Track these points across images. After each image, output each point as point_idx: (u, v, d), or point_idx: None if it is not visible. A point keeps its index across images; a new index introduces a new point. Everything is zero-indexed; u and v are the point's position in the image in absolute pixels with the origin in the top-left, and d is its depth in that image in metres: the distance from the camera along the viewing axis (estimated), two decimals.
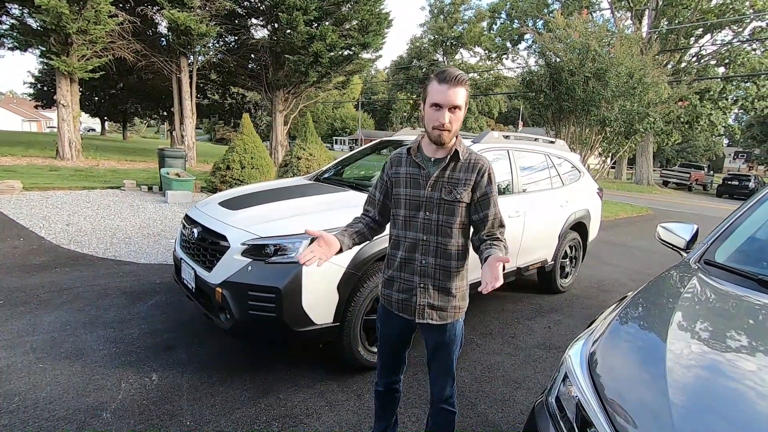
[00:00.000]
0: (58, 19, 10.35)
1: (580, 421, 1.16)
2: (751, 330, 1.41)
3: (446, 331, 1.65)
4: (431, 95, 1.47)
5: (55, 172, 10.21)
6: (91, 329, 3.06)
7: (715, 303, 1.58)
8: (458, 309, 1.65)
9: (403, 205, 1.61)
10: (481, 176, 1.57)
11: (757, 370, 1.17)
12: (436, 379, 1.74)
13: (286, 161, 9.07)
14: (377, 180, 1.75)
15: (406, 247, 1.61)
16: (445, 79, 1.43)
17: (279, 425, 2.22)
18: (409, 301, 1.62)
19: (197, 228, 2.83)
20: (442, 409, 1.75)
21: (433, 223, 1.56)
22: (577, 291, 4.83)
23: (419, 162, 1.59)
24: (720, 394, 1.08)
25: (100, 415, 2.19)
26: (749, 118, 33.27)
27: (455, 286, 1.61)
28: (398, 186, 1.63)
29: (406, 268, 1.62)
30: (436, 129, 1.48)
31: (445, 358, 1.70)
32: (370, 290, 2.60)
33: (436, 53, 44.02)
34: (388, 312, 1.71)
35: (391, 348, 1.79)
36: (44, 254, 4.60)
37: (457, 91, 1.44)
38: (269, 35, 16.08)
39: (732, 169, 46.41)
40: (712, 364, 1.19)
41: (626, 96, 9.78)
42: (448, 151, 1.56)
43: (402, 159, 1.64)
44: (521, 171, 3.93)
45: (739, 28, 22.19)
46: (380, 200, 1.72)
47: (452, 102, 1.44)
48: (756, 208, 1.99)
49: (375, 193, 1.74)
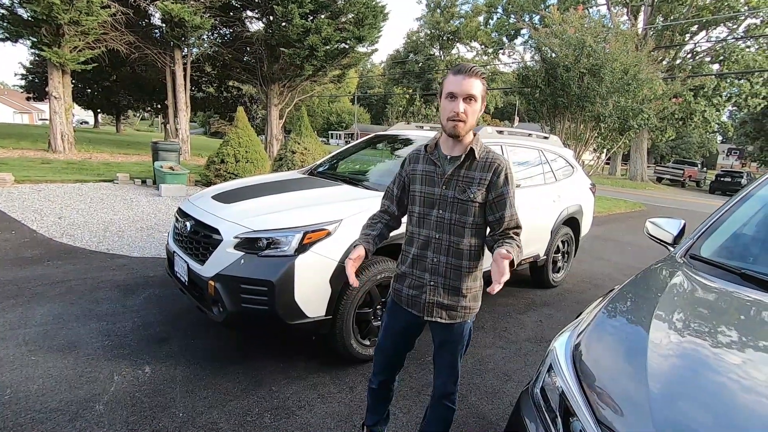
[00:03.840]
0: (49, 10, 10.21)
1: (563, 411, 1.19)
2: (731, 322, 1.44)
3: (453, 330, 1.63)
4: (446, 86, 1.46)
5: (47, 164, 10.12)
6: (83, 322, 3.06)
7: (698, 296, 1.61)
8: (468, 310, 1.62)
9: (418, 202, 1.61)
10: (497, 176, 1.52)
11: (735, 360, 1.20)
12: (439, 374, 1.73)
13: (281, 155, 9.04)
14: (395, 176, 1.76)
15: (419, 244, 1.60)
16: (460, 71, 1.44)
17: (271, 417, 2.24)
18: (419, 297, 1.61)
19: (190, 221, 2.83)
20: (442, 405, 1.75)
21: (446, 221, 1.54)
22: (569, 285, 4.89)
23: (435, 159, 1.58)
24: (697, 382, 1.11)
25: (92, 407, 2.20)
26: (742, 115, 33.49)
27: (466, 286, 1.58)
28: (414, 183, 1.63)
29: (417, 264, 1.61)
30: (451, 120, 1.46)
31: (448, 356, 1.69)
32: (362, 284, 2.62)
33: (432, 48, 43.87)
34: (397, 306, 1.71)
35: (393, 343, 1.77)
36: (36, 247, 4.58)
37: (471, 82, 1.42)
38: (264, 28, 15.96)
39: (725, 165, 46.75)
40: (691, 354, 1.22)
41: (621, 92, 9.81)
42: (464, 149, 1.53)
43: (420, 156, 1.64)
44: (514, 166, 3.95)
45: (733, 25, 22.29)
46: (398, 195, 1.73)
47: (467, 91, 1.42)
48: (741, 204, 2.02)
49: (393, 188, 1.75)
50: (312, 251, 2.45)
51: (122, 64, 18.52)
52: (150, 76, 19.83)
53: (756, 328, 1.41)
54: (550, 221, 4.32)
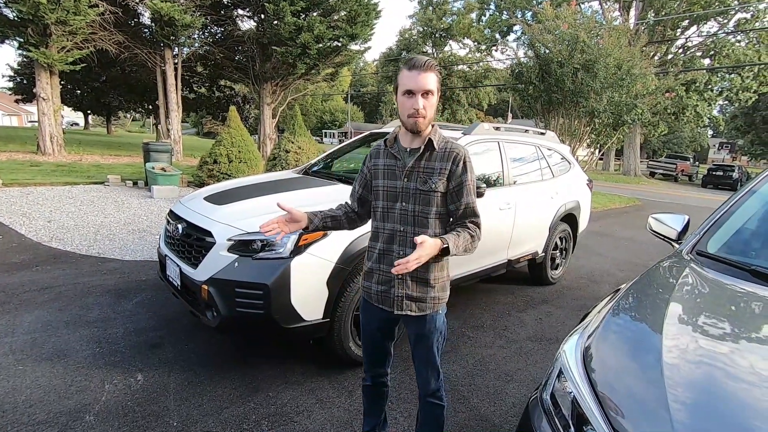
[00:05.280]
0: (35, 9, 10.00)
1: (575, 418, 1.13)
2: (746, 322, 1.40)
3: (426, 322, 1.64)
4: (402, 83, 1.47)
5: (36, 167, 9.94)
6: (73, 329, 2.97)
7: (709, 294, 1.57)
8: (438, 300, 1.63)
9: (381, 196, 1.62)
10: (457, 165, 1.54)
11: (754, 362, 1.15)
12: (419, 372, 1.72)
13: (275, 155, 8.94)
14: (358, 174, 1.75)
15: (385, 238, 1.61)
16: (414, 66, 1.44)
17: (269, 424, 2.18)
18: (388, 292, 1.61)
19: (182, 224, 2.75)
20: (429, 403, 1.73)
21: (410, 213, 1.56)
22: (568, 282, 4.85)
23: (395, 153, 1.59)
24: (718, 388, 1.06)
25: (82, 417, 2.12)
26: (733, 109, 33.75)
27: (433, 276, 1.59)
28: (377, 178, 1.63)
29: (384, 259, 1.61)
30: (411, 117, 1.47)
31: (425, 350, 1.67)
32: (360, 285, 2.55)
33: (425, 45, 43.77)
34: (369, 304, 1.71)
35: (373, 340, 1.77)
36: (24, 252, 4.47)
37: (427, 76, 1.44)
38: (256, 26, 15.79)
39: (716, 159, 47.20)
40: (708, 357, 1.17)
41: (614, 87, 9.81)
42: (423, 141, 1.55)
43: (380, 151, 1.65)
44: (512, 163, 3.91)
45: (724, 19, 22.41)
46: (359, 193, 1.73)
47: (424, 87, 1.44)
48: (747, 199, 1.98)
49: (355, 185, 1.75)
50: (308, 253, 2.39)
51: (112, 65, 18.25)
52: (140, 77, 19.56)
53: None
54: (548, 218, 4.28)
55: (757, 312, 1.45)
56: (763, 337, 1.30)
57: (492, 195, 3.44)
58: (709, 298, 1.55)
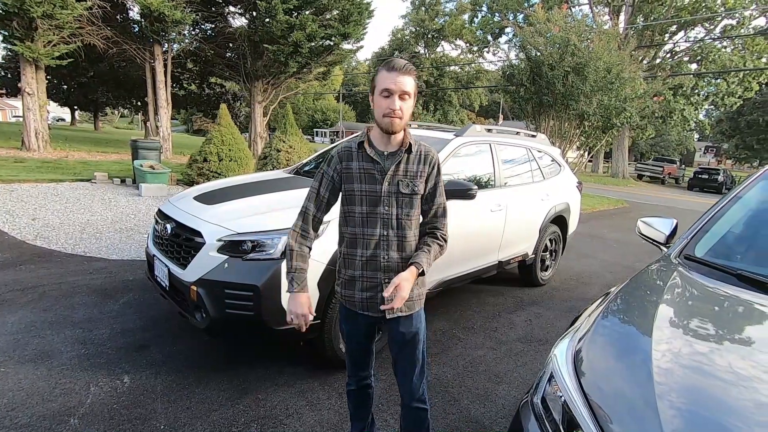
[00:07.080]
0: (21, 3, 9.81)
1: (566, 423, 1.14)
2: (733, 326, 1.42)
3: (413, 320, 1.64)
4: (380, 83, 1.47)
5: (20, 163, 9.74)
6: (58, 330, 2.91)
7: (697, 298, 1.59)
8: (421, 295, 1.66)
9: (358, 201, 1.56)
10: (432, 167, 1.59)
11: (741, 365, 1.17)
12: (405, 375, 1.68)
13: (266, 153, 8.88)
14: (320, 175, 1.62)
15: (367, 244, 1.56)
16: (394, 67, 1.45)
17: (258, 427, 2.16)
18: (375, 298, 1.58)
19: (171, 224, 2.71)
20: (414, 409, 1.70)
21: (393, 217, 1.55)
22: (557, 284, 4.89)
23: (373, 156, 1.54)
24: (706, 391, 1.07)
25: (66, 421, 2.08)
26: (719, 113, 34.38)
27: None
28: (351, 182, 1.56)
29: (369, 266, 1.57)
30: (387, 116, 1.47)
31: (414, 350, 1.66)
32: (338, 294, 2.54)
33: (417, 45, 43.87)
34: (352, 312, 1.66)
35: (358, 345, 1.75)
36: (7, 250, 4.37)
37: (405, 79, 1.45)
38: (248, 24, 15.64)
39: (702, 162, 47.98)
40: (696, 361, 1.18)
41: (604, 90, 9.93)
42: (400, 144, 1.56)
43: (353, 153, 1.57)
44: (503, 164, 3.93)
45: (711, 25, 22.84)
46: (326, 198, 1.62)
47: (402, 88, 1.45)
48: (734, 204, 2.01)
49: (319, 189, 1.61)
50: None
51: (100, 60, 17.92)
52: (129, 73, 19.28)
53: (755, 332, 1.39)
54: (539, 220, 4.31)
55: (744, 315, 1.47)
56: (750, 340, 1.32)
57: (483, 197, 3.46)
58: (697, 302, 1.57)
